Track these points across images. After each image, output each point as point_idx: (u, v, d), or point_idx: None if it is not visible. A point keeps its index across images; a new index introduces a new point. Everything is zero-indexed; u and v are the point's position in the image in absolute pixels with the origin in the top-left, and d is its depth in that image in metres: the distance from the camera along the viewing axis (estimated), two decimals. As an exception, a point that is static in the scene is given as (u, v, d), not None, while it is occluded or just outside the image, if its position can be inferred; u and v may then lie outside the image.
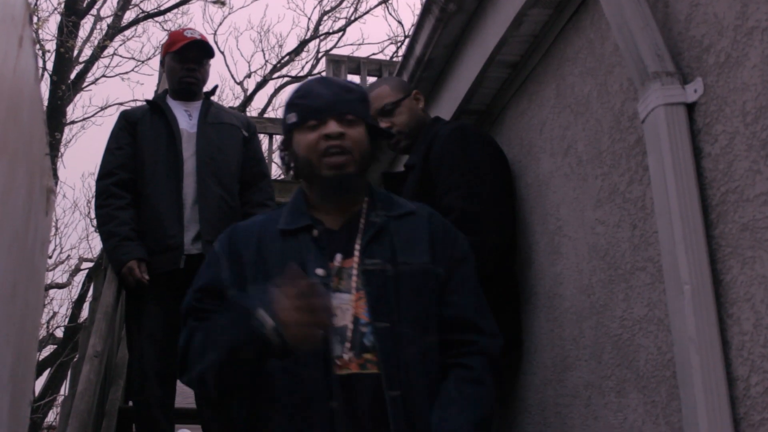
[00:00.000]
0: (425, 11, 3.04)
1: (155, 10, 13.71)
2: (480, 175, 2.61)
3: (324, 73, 6.93)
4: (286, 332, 1.70)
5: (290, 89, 2.18)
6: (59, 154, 11.65)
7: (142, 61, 13.79)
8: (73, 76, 11.76)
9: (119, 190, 3.30)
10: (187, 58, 3.56)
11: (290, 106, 2.08)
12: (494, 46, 2.74)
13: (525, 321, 2.70)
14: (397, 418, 1.81)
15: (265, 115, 14.54)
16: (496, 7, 2.74)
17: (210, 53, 3.64)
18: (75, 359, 3.40)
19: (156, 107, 3.52)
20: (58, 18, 10.90)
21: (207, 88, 3.73)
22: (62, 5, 10.62)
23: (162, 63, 3.72)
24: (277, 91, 15.74)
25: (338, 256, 1.95)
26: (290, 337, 1.70)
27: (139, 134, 3.42)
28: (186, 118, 3.52)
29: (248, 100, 15.33)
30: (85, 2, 12.00)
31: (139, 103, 15.00)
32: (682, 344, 1.70)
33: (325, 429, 1.80)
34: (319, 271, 1.92)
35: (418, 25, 3.14)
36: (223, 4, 11.02)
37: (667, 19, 1.93)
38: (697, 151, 1.80)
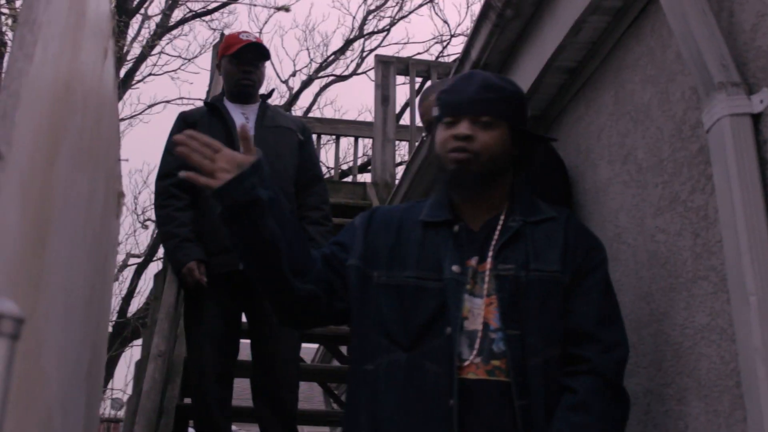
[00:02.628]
0: (482, 16, 3.06)
1: (202, 9, 13.88)
2: (539, 181, 2.62)
3: (372, 74, 6.96)
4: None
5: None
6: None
7: (189, 59, 13.91)
8: (122, 74, 11.95)
9: (178, 191, 3.37)
10: (244, 60, 3.62)
11: (437, 99, 2.11)
12: (552, 53, 2.75)
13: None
14: (526, 428, 1.82)
15: (310, 114, 14.65)
16: (554, 14, 2.75)
17: (266, 55, 3.69)
18: (138, 359, 3.48)
19: (214, 109, 3.58)
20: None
21: (263, 90, 3.79)
22: (112, 5, 10.77)
23: (218, 66, 3.79)
24: (322, 89, 15.82)
25: (474, 259, 1.96)
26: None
27: None
28: (243, 120, 3.58)
29: (294, 98, 15.43)
30: (135, 2, 12.18)
31: (185, 102, 15.18)
32: (748, 355, 1.70)
33: (440, 427, 1.81)
34: (455, 268, 1.94)
35: (475, 30, 3.15)
36: (288, 10, 11.12)
37: (732, 29, 1.93)
38: (762, 162, 1.80)
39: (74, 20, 1.11)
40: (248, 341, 3.52)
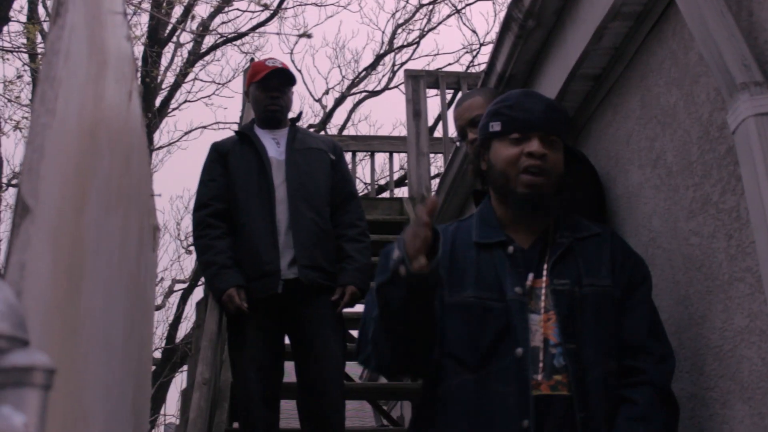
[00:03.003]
0: (504, 28, 3.07)
1: (233, 34, 14.04)
2: (574, 190, 2.62)
3: (403, 87, 6.99)
4: (408, 252, 1.71)
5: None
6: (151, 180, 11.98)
7: (223, 84, 14.07)
8: (157, 103, 12.13)
9: (215, 220, 3.42)
10: (270, 86, 3.68)
11: (494, 114, 2.09)
12: (576, 60, 2.75)
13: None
14: None
15: (345, 132, 14.72)
16: (576, 22, 2.75)
17: (292, 80, 3.74)
18: (184, 387, 3.53)
19: (245, 137, 3.64)
20: (141, 48, 11.28)
21: (292, 114, 3.84)
22: (145, 36, 10.96)
23: (246, 94, 3.85)
24: (355, 106, 15.90)
25: (530, 276, 1.98)
26: (408, 254, 1.71)
27: (230, 165, 3.54)
28: (274, 146, 3.63)
29: (328, 117, 15.53)
30: (167, 31, 12.37)
31: (221, 126, 15.33)
32: (787, 356, 1.69)
33: None
34: (518, 290, 1.96)
35: (498, 42, 3.17)
36: (310, 36, 11.24)
37: (752, 28, 1.93)
38: (790, 161, 1.79)
39: (95, 71, 1.15)
40: (293, 363, 3.55)
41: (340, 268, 3.46)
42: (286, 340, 3.55)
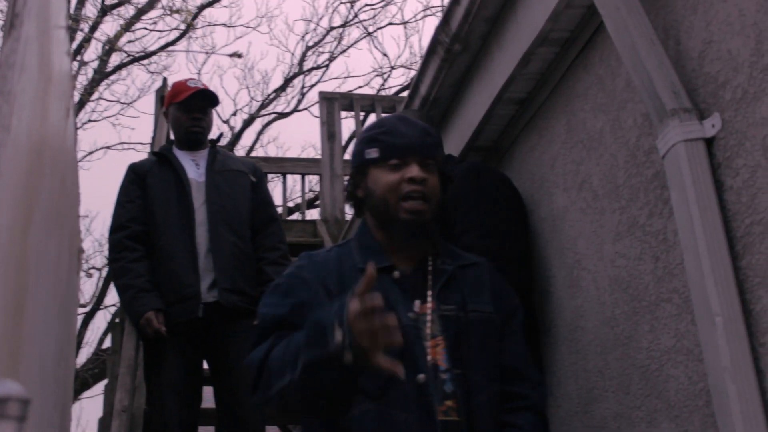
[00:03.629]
0: (430, 52, 3.09)
1: (140, 53, 13.77)
2: (497, 213, 2.65)
3: (318, 110, 6.97)
4: (357, 344, 1.63)
5: (362, 130, 2.17)
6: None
7: (128, 104, 13.75)
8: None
9: (132, 242, 3.32)
10: (193, 108, 3.61)
11: (370, 141, 2.07)
12: (502, 85, 2.79)
13: (546, 354, 2.73)
14: None
15: (253, 153, 14.58)
16: (502, 47, 2.79)
17: (214, 101, 3.68)
18: (101, 415, 3.41)
19: (163, 158, 3.56)
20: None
21: (211, 135, 3.77)
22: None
23: (165, 114, 3.76)
24: (264, 128, 15.78)
25: (417, 302, 1.97)
26: (361, 351, 1.63)
27: (148, 186, 3.45)
28: (194, 167, 3.56)
29: (236, 138, 15.35)
30: (71, 49, 12.04)
31: (126, 147, 15.01)
32: (717, 374, 1.73)
33: None
34: (411, 315, 1.94)
35: (423, 65, 3.19)
36: (240, 56, 11.10)
37: (680, 57, 1.99)
38: (718, 185, 1.85)
39: (43, 85, 1.10)
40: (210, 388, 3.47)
41: (262, 291, 3.39)
42: (204, 365, 3.46)
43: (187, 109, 3.59)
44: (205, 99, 3.62)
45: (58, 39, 1.24)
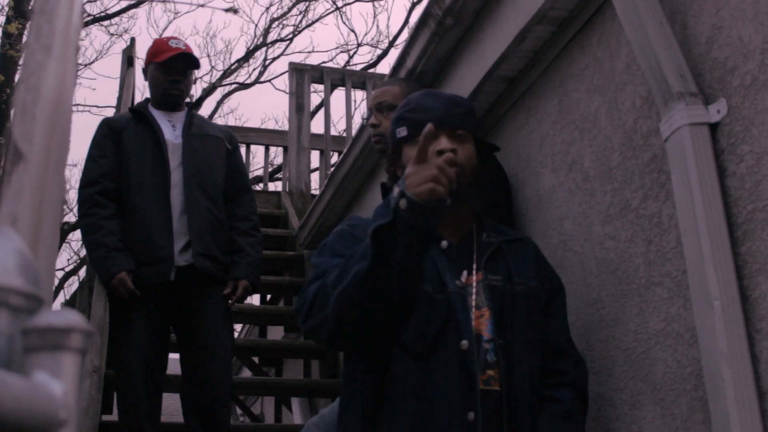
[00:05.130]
0: (421, 24, 3.05)
1: (102, 14, 13.50)
2: (482, 188, 2.62)
3: (287, 82, 6.89)
4: (410, 187, 1.62)
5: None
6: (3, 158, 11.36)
7: (86, 65, 13.49)
8: (17, 78, 11.49)
9: (104, 199, 3.24)
10: (173, 69, 3.52)
11: (399, 120, 2.07)
12: (494, 62, 2.76)
13: (523, 333, 2.72)
14: None
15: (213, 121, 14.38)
16: (496, 23, 2.76)
17: (195, 64, 3.60)
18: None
19: (140, 116, 3.47)
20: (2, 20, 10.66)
21: (189, 99, 3.69)
22: (10, 7, 10.37)
23: (144, 71, 3.66)
24: (224, 97, 15.60)
25: (464, 272, 1.97)
26: (416, 192, 1.61)
27: (123, 143, 3.37)
28: (170, 128, 3.48)
29: (195, 105, 15.12)
30: (31, 4, 11.74)
31: (81, 109, 14.72)
32: (712, 358, 1.74)
33: None
34: (459, 282, 1.95)
35: (412, 38, 3.15)
36: (236, 11, 10.87)
37: (686, 41, 1.98)
38: (720, 170, 1.85)
39: (69, 14, 1.05)
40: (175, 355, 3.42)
41: (233, 261, 3.35)
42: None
43: (167, 70, 3.50)
44: (186, 61, 3.54)
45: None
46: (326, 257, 1.94)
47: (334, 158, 6.71)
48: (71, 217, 10.84)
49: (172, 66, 3.49)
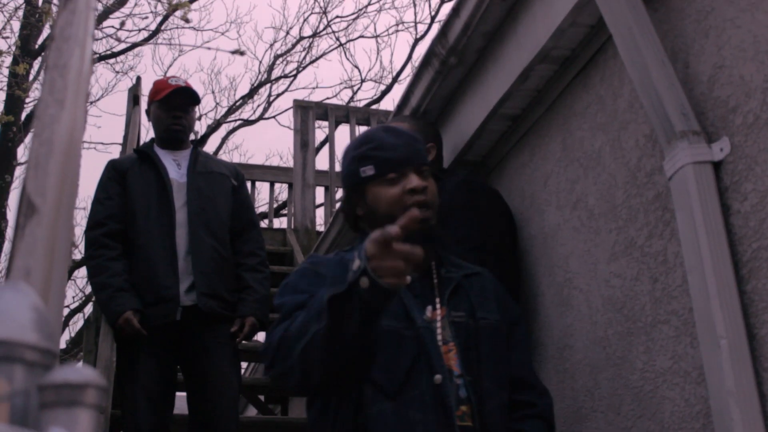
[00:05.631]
0: (425, 63, 3.08)
1: (107, 52, 13.60)
2: (487, 227, 2.64)
3: (291, 119, 6.93)
4: (372, 267, 1.60)
5: (347, 144, 2.15)
6: (8, 196, 11.41)
7: (92, 102, 13.56)
8: (23, 117, 11.57)
9: (110, 240, 3.25)
10: (173, 105, 3.55)
11: (363, 158, 2.04)
12: (498, 100, 2.79)
13: (530, 371, 2.72)
14: None
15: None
16: (499, 61, 2.79)
17: (196, 100, 3.62)
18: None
19: (145, 156, 3.49)
20: (9, 60, 10.75)
21: (193, 136, 3.72)
22: (17, 47, 10.47)
23: (147, 112, 3.70)
24: (229, 134, 15.67)
25: (429, 308, 1.96)
26: (378, 272, 1.60)
27: (128, 184, 3.38)
28: (175, 167, 3.50)
29: (200, 142, 15.20)
30: (38, 44, 11.86)
31: (87, 146, 14.79)
32: (720, 397, 1.73)
33: None
34: (426, 317, 1.94)
35: (416, 76, 3.17)
36: (243, 53, 10.95)
37: (688, 80, 2.00)
38: (724, 208, 1.86)
39: (81, 65, 1.07)
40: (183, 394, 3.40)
41: (240, 298, 3.34)
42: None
43: (167, 107, 3.53)
44: (186, 97, 3.56)
45: (92, 20, 1.21)
46: (288, 296, 1.95)
47: (339, 194, 6.73)
48: (76, 254, 10.83)
49: (172, 102, 3.52)
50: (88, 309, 12.78)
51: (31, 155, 0.82)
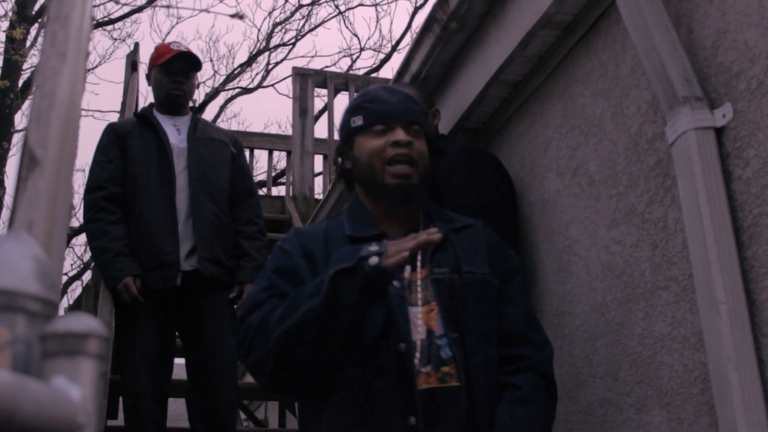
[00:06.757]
0: (425, 28, 3.06)
1: (105, 18, 13.53)
2: (488, 192, 2.63)
3: (290, 87, 6.90)
4: (388, 249, 1.69)
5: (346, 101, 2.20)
6: (6, 163, 11.38)
7: (89, 70, 13.50)
8: (20, 84, 11.50)
9: (110, 204, 3.24)
10: (174, 70, 3.54)
11: (355, 109, 2.06)
12: (499, 66, 2.77)
13: (529, 338, 2.72)
14: (471, 427, 1.82)
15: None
16: (501, 27, 2.77)
17: (197, 65, 3.61)
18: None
19: (145, 120, 3.48)
20: (6, 24, 10.68)
21: (192, 103, 3.70)
22: (14, 12, 10.39)
23: (147, 76, 3.68)
24: (227, 102, 15.62)
25: (407, 269, 1.94)
26: (390, 251, 1.69)
27: (128, 148, 3.38)
28: (175, 132, 3.49)
29: (198, 110, 15.16)
30: (35, 9, 11.77)
31: (84, 114, 14.73)
32: (719, 362, 1.74)
33: None
34: (396, 284, 1.91)
35: (417, 42, 3.15)
36: (242, 17, 10.88)
37: (691, 45, 1.98)
38: (726, 174, 1.85)
39: (82, 17, 1.06)
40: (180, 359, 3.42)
41: (239, 265, 3.35)
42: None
43: (168, 71, 3.52)
44: (188, 62, 3.55)
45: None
46: (285, 259, 1.98)
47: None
48: (74, 222, 10.84)
49: (173, 67, 3.51)
50: (87, 276, 12.81)
51: (33, 107, 0.82)
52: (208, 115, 14.98)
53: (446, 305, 1.92)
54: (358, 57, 15.15)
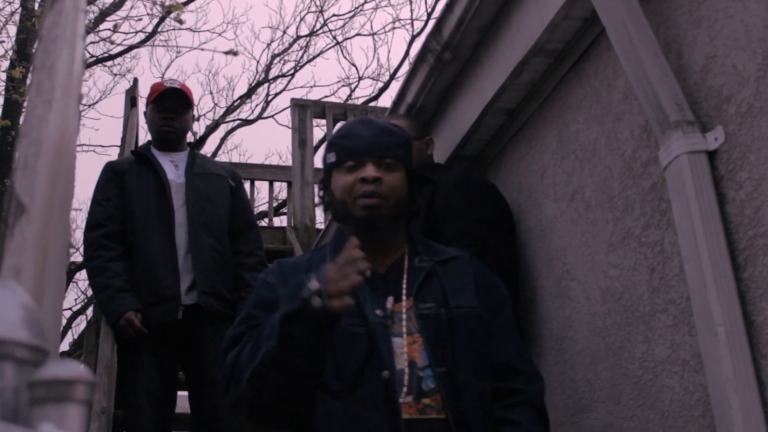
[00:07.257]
0: (420, 59, 3.08)
1: (105, 55, 13.61)
2: (485, 221, 2.64)
3: (290, 118, 6.94)
4: (328, 289, 1.70)
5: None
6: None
7: (90, 105, 13.57)
8: (21, 121, 11.57)
9: (109, 241, 3.26)
10: (164, 107, 3.58)
11: (330, 145, 2.08)
12: (493, 94, 2.79)
13: (531, 364, 2.72)
14: None
15: (217, 159, 14.45)
16: (494, 56, 2.79)
17: (186, 102, 3.63)
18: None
19: (142, 158, 3.50)
20: (6, 64, 10.75)
21: (190, 139, 3.73)
22: (14, 51, 10.48)
23: (145, 114, 3.71)
24: (227, 134, 15.68)
25: (390, 299, 1.95)
26: (330, 291, 1.70)
27: (127, 185, 3.40)
28: (172, 168, 3.51)
29: (198, 143, 15.21)
30: (35, 48, 11.86)
31: (86, 149, 14.80)
32: (719, 385, 1.74)
33: None
34: (379, 313, 1.91)
35: (412, 72, 3.18)
36: (236, 53, 10.96)
37: (681, 70, 2.00)
38: (720, 197, 1.86)
39: (71, 65, 1.07)
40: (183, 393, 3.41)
41: (239, 297, 3.36)
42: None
43: (159, 108, 3.56)
44: (177, 98, 3.58)
45: (82, 22, 1.21)
46: (266, 291, 2.01)
47: (338, 192, 6.72)
48: (77, 257, 10.85)
49: (163, 103, 3.54)
50: (90, 311, 12.80)
51: (19, 156, 0.83)
52: (209, 147, 15.04)
53: (432, 340, 1.91)
54: (356, 86, 15.22)
